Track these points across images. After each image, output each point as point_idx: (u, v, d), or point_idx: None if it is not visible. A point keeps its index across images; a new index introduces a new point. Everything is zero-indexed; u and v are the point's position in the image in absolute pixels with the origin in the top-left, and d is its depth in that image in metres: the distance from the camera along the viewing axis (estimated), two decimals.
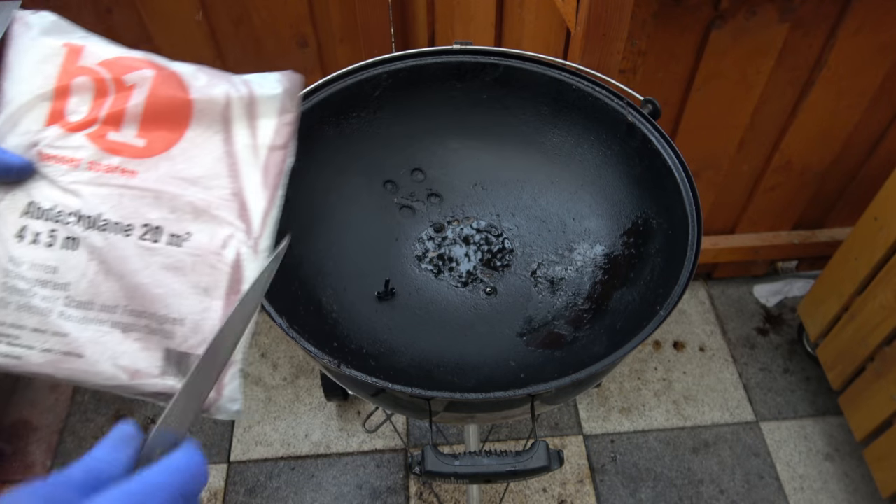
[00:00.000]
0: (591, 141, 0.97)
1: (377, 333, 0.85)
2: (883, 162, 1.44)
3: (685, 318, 1.71)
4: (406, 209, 0.99)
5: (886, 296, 1.20)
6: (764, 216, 1.58)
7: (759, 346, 1.66)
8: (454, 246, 0.95)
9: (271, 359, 1.62)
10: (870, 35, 1.18)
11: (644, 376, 1.59)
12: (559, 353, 0.83)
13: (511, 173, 1.02)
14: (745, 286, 1.78)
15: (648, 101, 0.91)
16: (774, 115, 1.34)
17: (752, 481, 1.43)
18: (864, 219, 1.27)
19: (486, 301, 0.90)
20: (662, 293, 0.78)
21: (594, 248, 0.94)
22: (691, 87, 1.24)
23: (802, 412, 1.54)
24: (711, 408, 1.54)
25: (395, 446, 1.46)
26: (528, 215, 0.98)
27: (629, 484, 1.42)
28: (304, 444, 1.47)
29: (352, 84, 0.93)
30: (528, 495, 1.40)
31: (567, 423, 1.51)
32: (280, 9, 1.46)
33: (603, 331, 0.84)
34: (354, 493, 1.39)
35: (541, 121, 0.99)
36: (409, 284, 0.91)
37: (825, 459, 1.47)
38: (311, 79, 1.72)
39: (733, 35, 1.15)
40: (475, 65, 0.96)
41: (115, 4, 1.44)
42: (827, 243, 1.61)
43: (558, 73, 0.94)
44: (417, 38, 1.55)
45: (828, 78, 1.25)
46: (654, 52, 1.17)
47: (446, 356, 0.83)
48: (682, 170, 0.84)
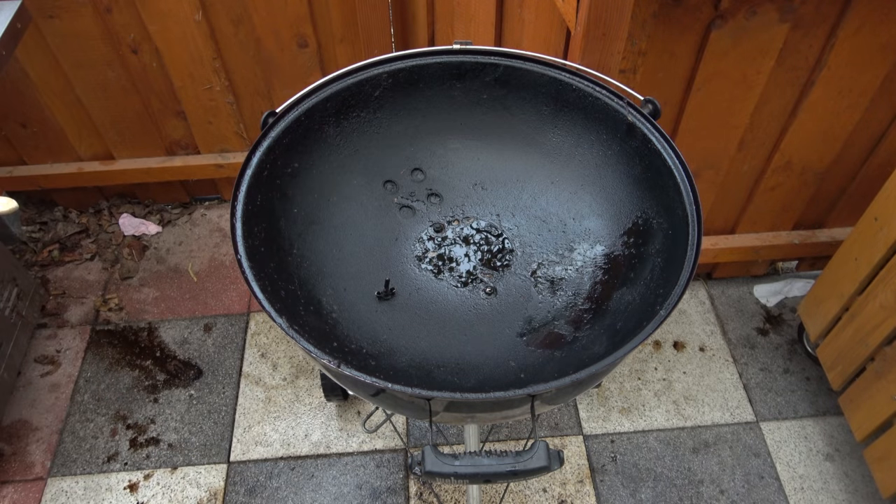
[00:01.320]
0: (591, 141, 0.97)
1: (377, 333, 0.85)
2: (883, 162, 1.44)
3: (685, 318, 1.71)
4: (406, 209, 0.99)
5: (886, 296, 1.20)
6: (764, 216, 1.58)
7: (760, 346, 1.66)
8: (454, 246, 0.95)
9: (271, 359, 1.62)
10: (870, 35, 1.18)
11: (644, 376, 1.59)
12: (559, 353, 0.83)
13: (511, 173, 1.02)
14: (745, 286, 1.78)
15: (648, 101, 0.91)
16: (774, 115, 1.34)
17: (752, 481, 1.43)
18: (864, 219, 1.27)
19: (486, 301, 0.90)
20: (662, 293, 0.78)
21: (594, 248, 0.94)
22: (691, 87, 1.24)
23: (803, 412, 1.54)
24: (711, 408, 1.54)
25: (395, 446, 1.46)
26: (528, 215, 0.98)
27: (629, 484, 1.42)
28: (304, 444, 1.47)
29: (352, 84, 0.93)
30: (528, 495, 1.40)
31: (567, 423, 1.51)
32: (280, 9, 1.46)
33: (603, 331, 0.84)
34: (354, 494, 1.39)
35: (541, 121, 0.99)
36: (409, 284, 0.91)
37: (825, 459, 1.47)
38: (311, 79, 1.72)
39: (733, 35, 1.15)
40: (475, 65, 0.96)
41: (114, 4, 1.45)
42: (827, 243, 1.61)
43: (558, 73, 0.94)
44: (417, 38, 1.55)
45: (828, 78, 1.25)
46: (654, 52, 1.17)
47: (446, 356, 0.83)
48: (682, 170, 0.84)
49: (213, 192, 1.96)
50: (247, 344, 1.65)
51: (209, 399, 1.54)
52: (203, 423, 1.50)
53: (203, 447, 1.46)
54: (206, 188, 1.94)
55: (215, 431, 1.49)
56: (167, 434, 1.48)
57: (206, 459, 1.44)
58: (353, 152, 0.98)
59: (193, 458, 1.45)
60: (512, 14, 1.27)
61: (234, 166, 1.78)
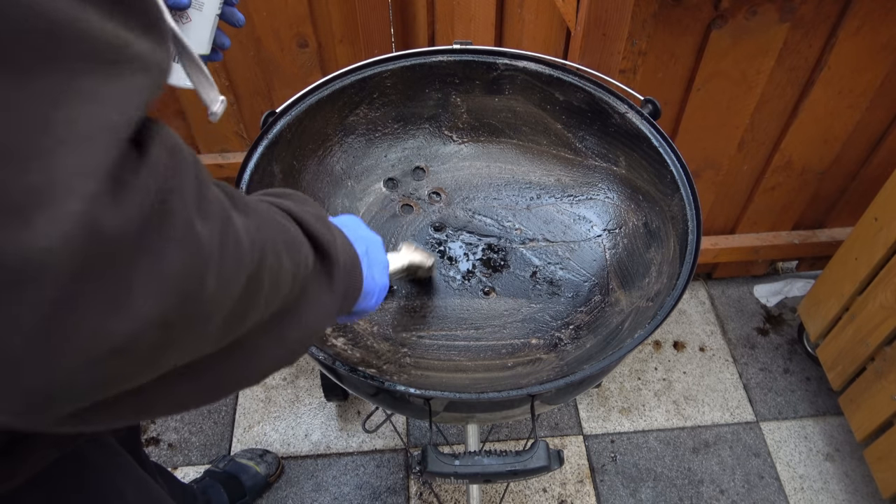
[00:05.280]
0: (591, 141, 0.97)
1: (376, 332, 0.85)
2: (883, 162, 1.44)
3: (685, 318, 1.71)
4: (406, 207, 0.99)
5: (886, 296, 1.20)
6: (764, 216, 1.58)
7: (760, 346, 1.66)
8: (454, 245, 0.95)
9: None
10: (870, 35, 1.18)
11: (644, 376, 1.59)
12: (559, 353, 0.83)
13: (512, 172, 1.02)
14: (745, 286, 1.78)
15: (648, 101, 0.91)
16: (774, 115, 1.34)
17: (752, 481, 1.43)
18: (864, 219, 1.27)
19: (486, 300, 0.90)
20: (662, 293, 0.78)
21: (594, 248, 0.94)
22: (691, 87, 1.24)
23: (803, 412, 1.54)
24: (711, 408, 1.54)
25: (395, 446, 1.46)
26: (528, 215, 0.98)
27: (629, 484, 1.42)
28: (304, 444, 1.46)
29: (352, 83, 0.93)
30: (528, 495, 1.40)
31: (567, 423, 1.51)
32: (280, 9, 1.46)
33: (602, 331, 0.84)
34: (354, 493, 1.39)
35: (542, 120, 0.99)
36: (408, 283, 0.91)
37: (825, 460, 1.47)
38: (311, 79, 1.72)
39: (733, 35, 1.15)
40: (475, 64, 0.96)
41: None
42: (827, 243, 1.61)
43: (558, 73, 0.94)
44: (417, 38, 1.55)
45: (828, 78, 1.25)
46: (654, 52, 1.17)
47: (445, 355, 0.83)
48: (682, 170, 0.84)
49: None
50: None
51: None
52: (203, 423, 1.50)
53: (203, 447, 1.46)
54: None
55: (215, 431, 1.49)
56: (167, 434, 1.48)
57: (207, 459, 1.44)
58: (353, 151, 0.98)
59: (193, 458, 1.44)
60: (512, 14, 1.27)
61: (233, 166, 1.78)
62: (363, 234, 0.60)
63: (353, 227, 0.59)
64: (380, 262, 0.60)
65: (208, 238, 0.31)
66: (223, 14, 0.64)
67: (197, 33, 0.63)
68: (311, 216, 0.46)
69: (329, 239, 0.46)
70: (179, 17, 0.61)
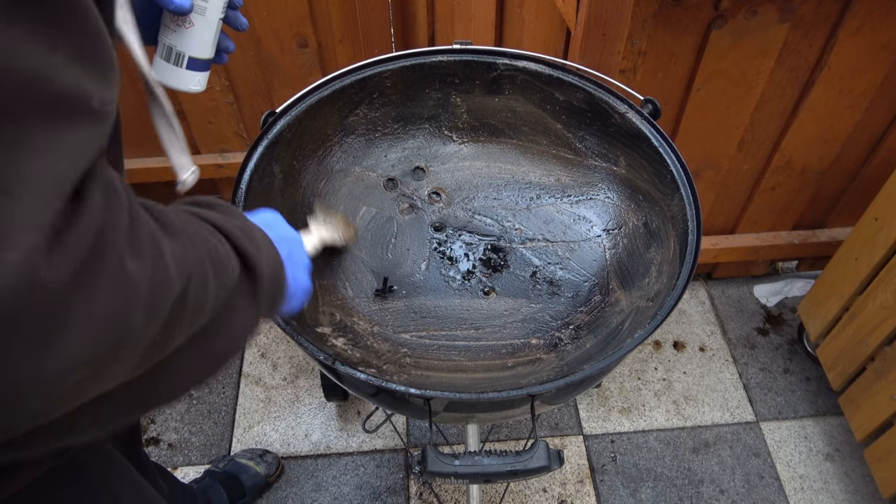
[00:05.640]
0: (591, 141, 0.97)
1: (376, 332, 0.85)
2: (883, 162, 1.44)
3: (685, 318, 1.71)
4: (407, 207, 0.99)
5: (886, 296, 1.20)
6: (764, 216, 1.58)
7: (760, 346, 1.66)
8: (454, 245, 0.95)
9: (271, 359, 1.62)
10: (870, 35, 1.18)
11: (644, 376, 1.59)
12: (559, 353, 0.83)
13: (511, 173, 1.02)
14: (745, 286, 1.78)
15: (648, 101, 0.91)
16: (774, 115, 1.34)
17: (752, 481, 1.43)
18: (864, 219, 1.27)
19: (486, 300, 0.90)
20: (662, 293, 0.78)
21: (594, 248, 0.94)
22: (691, 86, 1.24)
23: (803, 412, 1.54)
24: (711, 408, 1.54)
25: (395, 446, 1.46)
26: (528, 215, 0.98)
27: (629, 484, 1.42)
28: (304, 444, 1.46)
29: (352, 83, 0.93)
30: (528, 495, 1.40)
31: (567, 423, 1.51)
32: (280, 9, 1.46)
33: (602, 331, 0.84)
34: (354, 493, 1.39)
35: (541, 120, 0.99)
36: (408, 282, 0.91)
37: (825, 460, 1.47)
38: (311, 79, 1.72)
39: (733, 35, 1.15)
40: (475, 64, 0.96)
41: None
42: (827, 243, 1.61)
43: (558, 73, 0.94)
44: (417, 38, 1.55)
45: (828, 78, 1.25)
46: (654, 52, 1.17)
47: (445, 355, 0.83)
48: (682, 170, 0.84)
49: (213, 191, 1.96)
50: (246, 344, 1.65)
51: (209, 399, 1.54)
52: (203, 423, 1.50)
53: (203, 447, 1.46)
54: (206, 188, 1.94)
55: (215, 431, 1.49)
56: (167, 434, 1.48)
57: (207, 459, 1.44)
58: (353, 151, 0.98)
59: (193, 458, 1.44)
60: (512, 14, 1.27)
61: (233, 166, 1.78)
62: (285, 235, 0.60)
63: (274, 226, 0.60)
64: (302, 263, 0.61)
65: (138, 275, 0.32)
66: (226, 18, 0.64)
67: (200, 38, 0.62)
68: (238, 229, 0.47)
69: (255, 254, 0.47)
70: (182, 21, 0.61)
